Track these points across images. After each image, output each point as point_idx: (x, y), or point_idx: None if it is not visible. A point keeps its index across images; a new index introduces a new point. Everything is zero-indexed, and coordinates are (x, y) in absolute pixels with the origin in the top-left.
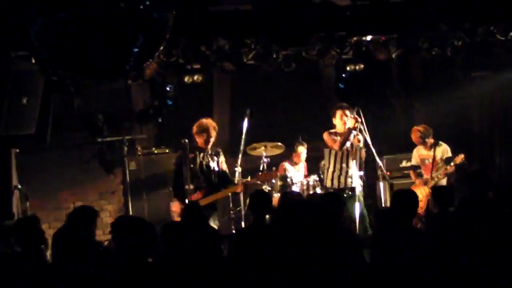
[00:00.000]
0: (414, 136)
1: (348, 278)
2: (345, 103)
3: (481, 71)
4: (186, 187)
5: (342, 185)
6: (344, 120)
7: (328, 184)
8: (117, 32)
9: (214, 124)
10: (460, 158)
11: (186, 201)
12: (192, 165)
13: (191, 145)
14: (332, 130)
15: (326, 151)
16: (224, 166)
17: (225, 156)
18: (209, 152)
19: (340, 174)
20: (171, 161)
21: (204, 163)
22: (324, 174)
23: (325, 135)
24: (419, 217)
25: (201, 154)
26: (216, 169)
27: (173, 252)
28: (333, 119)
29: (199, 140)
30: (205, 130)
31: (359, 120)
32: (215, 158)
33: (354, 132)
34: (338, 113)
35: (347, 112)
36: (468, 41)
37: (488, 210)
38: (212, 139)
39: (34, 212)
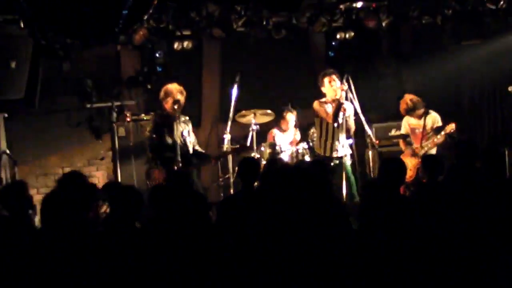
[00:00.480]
0: (401, 106)
1: (335, 245)
2: (330, 69)
3: (471, 40)
4: (168, 154)
5: (333, 154)
6: (333, 85)
7: (320, 151)
8: None
9: (180, 88)
10: (450, 127)
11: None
12: (170, 133)
13: (165, 113)
14: (322, 100)
15: (317, 120)
16: (193, 135)
17: (215, 123)
18: (180, 120)
19: (333, 142)
20: None
21: (179, 132)
22: (315, 142)
23: (316, 105)
24: (407, 186)
25: (174, 123)
26: (189, 138)
27: (161, 217)
28: (322, 88)
29: (166, 106)
30: (169, 94)
31: (346, 88)
32: (186, 126)
33: (343, 102)
34: (326, 80)
35: (334, 77)
36: (458, 10)
37: (476, 179)
38: (181, 104)
39: (22, 178)
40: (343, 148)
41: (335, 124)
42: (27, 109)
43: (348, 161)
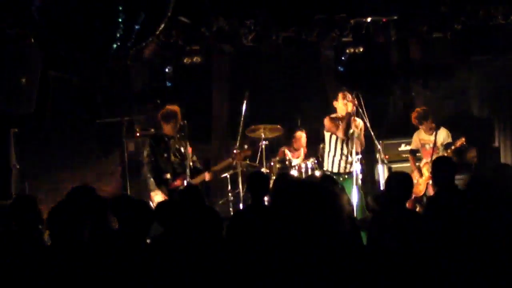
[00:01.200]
0: (413, 115)
1: (346, 260)
2: (345, 88)
3: (481, 55)
4: (167, 176)
5: (341, 170)
6: (345, 102)
7: (328, 168)
8: (119, 9)
9: (179, 109)
10: (460, 141)
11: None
12: (166, 154)
13: (160, 134)
14: (333, 115)
15: (327, 134)
16: (191, 151)
17: (224, 138)
18: (177, 137)
19: (341, 159)
20: None
21: (176, 149)
22: (324, 158)
23: (327, 121)
24: (417, 200)
25: (171, 141)
26: (186, 154)
27: (171, 233)
28: (335, 102)
29: (168, 127)
30: (174, 116)
31: (357, 103)
32: (183, 143)
33: (355, 118)
34: (340, 96)
35: (348, 95)
36: (468, 25)
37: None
38: (178, 125)
39: (32, 193)
40: (352, 163)
41: (345, 139)
42: (38, 124)
43: (355, 177)
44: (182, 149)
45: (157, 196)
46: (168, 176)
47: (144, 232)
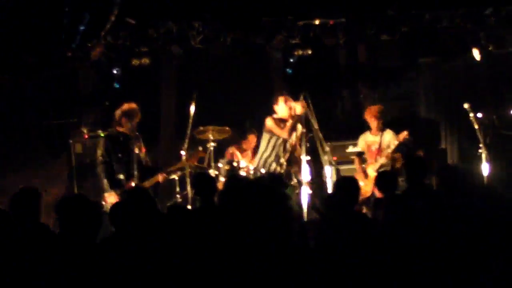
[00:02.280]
0: (371, 113)
1: (293, 260)
2: (284, 91)
3: (428, 58)
4: (121, 177)
5: (277, 169)
6: (289, 105)
7: (261, 169)
8: (63, 9)
9: (137, 109)
10: (403, 135)
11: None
12: (120, 154)
13: (115, 133)
14: (276, 116)
15: (266, 135)
16: (144, 152)
17: (172, 140)
18: (133, 138)
19: (274, 161)
20: None
21: (130, 150)
22: (257, 158)
23: (270, 121)
24: (365, 202)
25: (127, 142)
26: (141, 154)
27: (122, 234)
28: (275, 106)
29: (128, 125)
30: (136, 114)
31: (306, 105)
32: (137, 143)
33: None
34: (281, 99)
35: (288, 98)
36: (415, 27)
37: (430, 196)
38: (135, 124)
39: None
40: (282, 167)
41: (288, 139)
42: None
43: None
44: (137, 150)
45: (111, 197)
46: (122, 177)
47: (92, 232)
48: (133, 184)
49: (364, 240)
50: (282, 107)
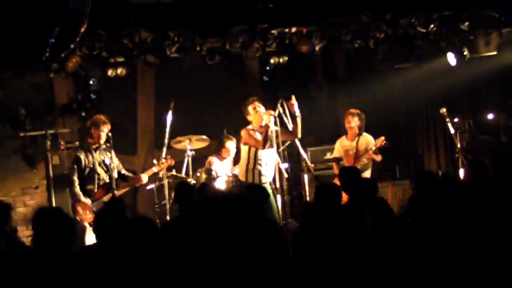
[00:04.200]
0: (351, 117)
1: (272, 270)
2: (254, 97)
3: (403, 63)
4: (90, 187)
5: (261, 180)
6: (258, 111)
7: (244, 179)
8: (32, 23)
9: (106, 119)
10: (380, 140)
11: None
12: (91, 165)
13: (86, 145)
14: (249, 127)
15: (244, 147)
16: (116, 161)
17: (150, 149)
18: (102, 148)
19: (261, 169)
20: None
21: (101, 160)
22: (240, 170)
23: (244, 133)
24: None
25: (96, 152)
26: (112, 164)
27: (103, 243)
28: (247, 116)
29: (97, 134)
30: (103, 124)
31: (273, 113)
32: (108, 153)
33: (272, 128)
34: (251, 107)
35: (258, 104)
36: (390, 33)
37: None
38: (104, 135)
39: None
40: (270, 174)
41: (265, 149)
42: None
43: (269, 187)
44: (107, 160)
45: (83, 208)
46: (92, 187)
47: (66, 243)
48: (101, 193)
49: (346, 246)
50: (253, 115)
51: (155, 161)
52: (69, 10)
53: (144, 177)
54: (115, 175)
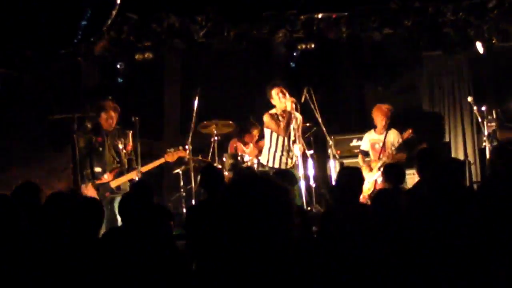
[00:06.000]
0: (380, 112)
1: (298, 253)
2: (278, 81)
3: (431, 51)
4: (97, 169)
5: (282, 166)
6: (281, 97)
7: (269, 163)
8: (65, 5)
9: (114, 105)
10: (407, 133)
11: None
12: (101, 148)
13: (98, 128)
14: (273, 111)
15: (267, 131)
16: (130, 148)
17: (176, 134)
18: (116, 133)
19: (282, 155)
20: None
21: (111, 144)
22: (264, 154)
23: (267, 118)
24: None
25: (108, 136)
26: (124, 150)
27: (128, 226)
28: (271, 100)
29: (105, 119)
30: (109, 107)
31: (295, 100)
32: (122, 139)
33: (295, 115)
34: (274, 91)
35: (282, 89)
36: (418, 21)
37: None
38: (115, 119)
39: None
40: (293, 158)
41: (287, 136)
42: None
43: (295, 172)
44: (120, 145)
45: (87, 190)
46: (99, 170)
47: (97, 227)
48: (109, 177)
49: (369, 231)
50: (276, 100)
51: (168, 150)
52: None
53: (139, 174)
54: (125, 161)
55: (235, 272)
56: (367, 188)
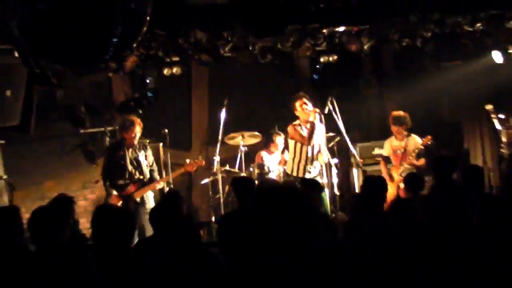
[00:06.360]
0: (391, 120)
1: (325, 260)
2: (301, 93)
3: (450, 61)
4: (120, 182)
5: (305, 174)
6: (304, 108)
7: (294, 173)
8: (96, 22)
9: (138, 120)
10: (427, 139)
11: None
12: (122, 162)
13: (119, 142)
14: (296, 123)
15: (291, 142)
16: (151, 160)
17: (204, 145)
18: (137, 146)
19: (306, 164)
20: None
21: (133, 158)
22: (288, 164)
23: (290, 129)
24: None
25: (130, 150)
26: (145, 162)
27: (159, 236)
28: (295, 111)
29: (127, 136)
30: (131, 125)
31: (319, 111)
32: (143, 151)
33: (318, 125)
34: (297, 103)
35: (305, 100)
36: (437, 32)
37: (455, 194)
38: (138, 134)
39: (19, 202)
40: (315, 169)
41: (309, 147)
42: (23, 136)
43: (319, 180)
44: (140, 158)
45: (114, 200)
46: (121, 182)
47: (123, 239)
48: (132, 189)
49: (393, 238)
50: (299, 111)
51: (187, 161)
52: (131, 11)
53: (159, 185)
54: (147, 172)
55: (265, 274)
56: (390, 193)
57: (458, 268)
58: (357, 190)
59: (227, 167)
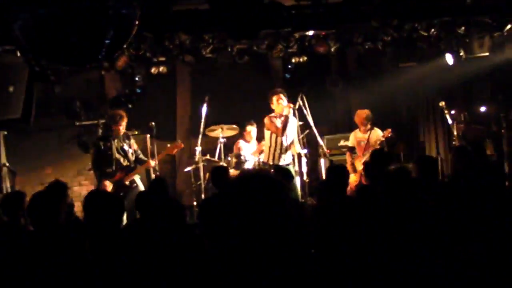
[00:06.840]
0: (359, 118)
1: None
2: (278, 89)
3: (407, 62)
4: (109, 170)
5: (279, 162)
6: (280, 103)
7: (269, 161)
8: (91, 26)
9: (125, 114)
10: (388, 132)
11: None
12: (110, 152)
13: (105, 135)
14: (272, 115)
15: (267, 133)
16: (135, 146)
17: (187, 137)
18: (121, 137)
19: (280, 152)
20: (138, 141)
21: (119, 147)
22: (264, 152)
23: (267, 120)
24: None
25: (115, 140)
26: (130, 150)
27: (144, 219)
28: (271, 105)
29: (117, 128)
30: (122, 119)
31: (293, 106)
32: (127, 141)
33: (291, 118)
34: (274, 98)
35: (282, 96)
36: (396, 36)
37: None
38: (124, 126)
39: (20, 187)
40: (288, 157)
41: (283, 137)
42: (24, 127)
43: (292, 168)
44: (125, 147)
45: (107, 186)
46: (110, 170)
47: (113, 222)
48: (120, 175)
49: (357, 219)
50: (276, 105)
51: (168, 145)
52: (122, 15)
53: (152, 162)
54: (133, 159)
55: (242, 252)
56: (353, 180)
57: (417, 246)
58: (323, 178)
59: (208, 157)
